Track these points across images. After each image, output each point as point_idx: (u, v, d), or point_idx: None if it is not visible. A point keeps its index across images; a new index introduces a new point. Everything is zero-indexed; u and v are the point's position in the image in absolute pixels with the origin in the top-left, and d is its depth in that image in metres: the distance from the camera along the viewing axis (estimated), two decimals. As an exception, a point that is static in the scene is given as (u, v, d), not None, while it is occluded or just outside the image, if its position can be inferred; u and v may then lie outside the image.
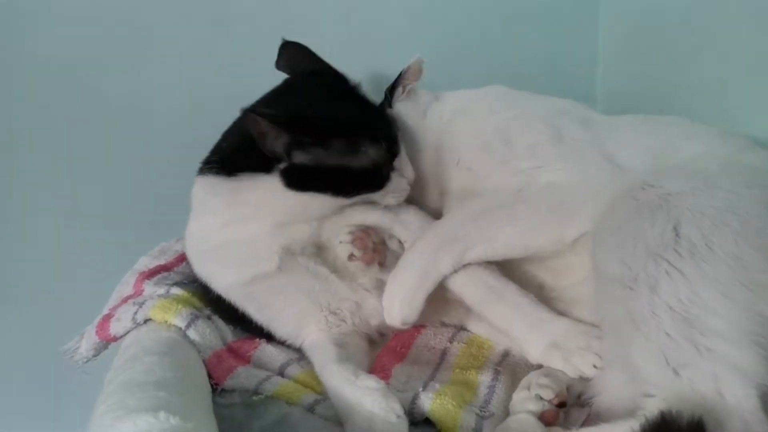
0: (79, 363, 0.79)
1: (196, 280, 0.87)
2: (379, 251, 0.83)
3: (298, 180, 0.77)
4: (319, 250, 0.83)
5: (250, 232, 0.79)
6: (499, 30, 1.21)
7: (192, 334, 0.75)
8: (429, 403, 0.67)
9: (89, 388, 0.67)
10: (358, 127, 0.79)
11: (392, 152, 0.81)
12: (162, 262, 0.91)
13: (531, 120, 0.86)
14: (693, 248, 0.62)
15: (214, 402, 0.68)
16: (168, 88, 1.10)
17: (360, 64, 0.93)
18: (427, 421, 0.68)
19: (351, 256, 0.81)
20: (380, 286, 0.83)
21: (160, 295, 0.81)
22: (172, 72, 1.10)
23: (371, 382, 0.68)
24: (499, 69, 1.19)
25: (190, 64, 1.11)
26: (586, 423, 0.70)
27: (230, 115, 0.82)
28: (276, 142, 0.75)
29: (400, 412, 0.64)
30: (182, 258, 0.93)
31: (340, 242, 0.81)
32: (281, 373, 0.77)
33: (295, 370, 0.78)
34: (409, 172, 0.84)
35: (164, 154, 1.10)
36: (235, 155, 0.79)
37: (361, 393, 0.66)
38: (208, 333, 0.77)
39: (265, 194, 0.77)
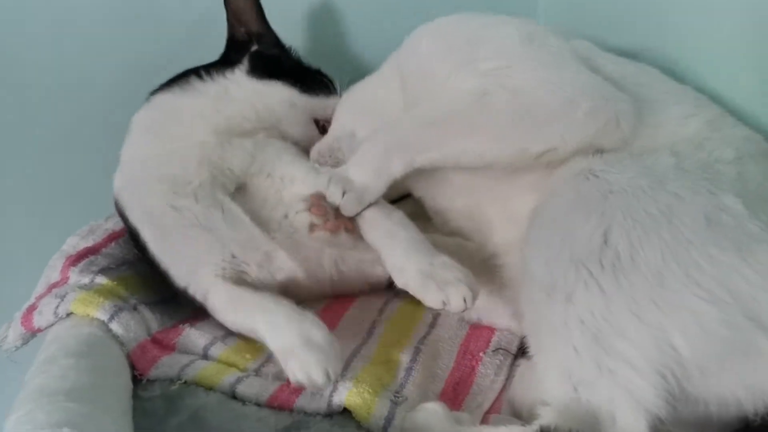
0: (8, 352, 0.80)
1: (124, 263, 0.88)
2: (340, 215, 0.79)
3: (263, 66, 0.92)
4: (241, 192, 0.84)
5: (186, 144, 0.84)
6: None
7: (115, 327, 0.75)
8: (345, 393, 0.69)
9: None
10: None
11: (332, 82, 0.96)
12: (90, 243, 0.90)
13: (498, 24, 0.80)
14: (616, 260, 0.59)
15: (136, 396, 0.71)
16: (92, 60, 1.05)
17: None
18: (346, 409, 0.69)
19: (312, 226, 0.80)
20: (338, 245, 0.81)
21: (82, 286, 0.81)
22: (98, 42, 1.05)
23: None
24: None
25: (117, 35, 1.06)
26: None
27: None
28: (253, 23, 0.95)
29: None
30: (111, 237, 0.93)
31: (297, 212, 0.81)
32: (205, 355, 0.79)
33: (218, 349, 0.79)
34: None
35: (96, 127, 1.06)
36: (190, 71, 0.92)
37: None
38: (133, 325, 0.77)
39: (221, 90, 0.90)
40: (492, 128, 0.71)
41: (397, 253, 0.74)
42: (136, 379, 0.73)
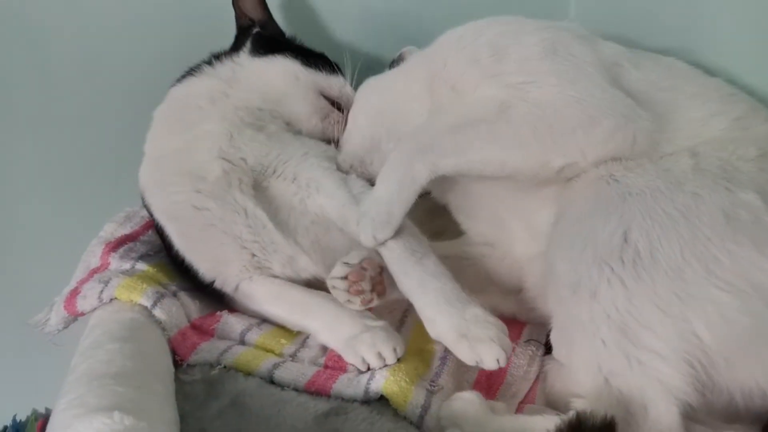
0: (50, 336, 0.82)
1: (162, 250, 0.90)
2: (378, 283, 0.77)
3: (265, 45, 0.95)
4: (260, 195, 0.84)
5: (197, 135, 0.85)
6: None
7: (158, 313, 0.77)
8: (383, 381, 0.70)
9: (62, 358, 0.71)
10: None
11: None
12: (127, 230, 0.93)
13: (522, 33, 0.79)
14: (637, 257, 0.62)
15: (178, 379, 0.72)
16: (124, 46, 1.07)
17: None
18: (383, 397, 0.70)
19: (348, 302, 0.77)
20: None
21: (124, 272, 0.83)
22: (129, 29, 1.06)
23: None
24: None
25: (148, 22, 1.07)
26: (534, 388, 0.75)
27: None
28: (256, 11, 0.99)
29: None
30: (148, 225, 0.94)
31: (333, 287, 0.77)
32: (242, 341, 0.81)
33: (254, 335, 0.81)
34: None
35: (124, 114, 1.08)
36: (201, 62, 0.95)
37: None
38: (174, 311, 0.79)
39: (229, 73, 0.92)
40: (515, 139, 0.72)
41: (429, 305, 0.73)
42: (177, 364, 0.75)
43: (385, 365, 0.72)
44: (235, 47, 0.98)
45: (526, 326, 0.84)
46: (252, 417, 0.68)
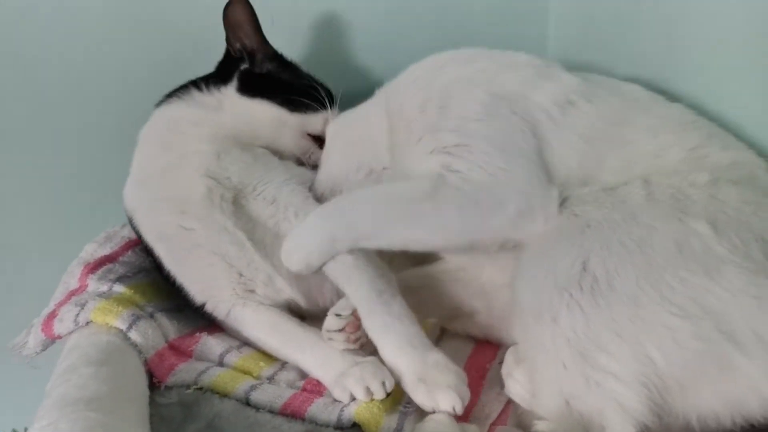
0: (28, 358, 0.82)
1: (141, 270, 0.91)
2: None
3: (252, 85, 0.95)
4: (238, 212, 0.86)
5: (184, 154, 0.87)
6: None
7: (134, 335, 0.78)
8: (355, 407, 0.71)
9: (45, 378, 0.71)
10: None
11: (330, 95, 0.98)
12: (107, 251, 0.93)
13: (473, 84, 0.82)
14: (595, 284, 0.64)
15: (154, 402, 0.73)
16: (107, 63, 1.07)
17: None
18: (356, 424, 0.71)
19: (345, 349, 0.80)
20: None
21: (101, 294, 0.83)
22: (112, 47, 1.07)
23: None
24: (450, 27, 1.19)
25: (131, 39, 1.08)
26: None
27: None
28: (248, 38, 0.97)
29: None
30: (128, 245, 0.95)
31: (330, 339, 0.79)
32: (220, 363, 0.82)
33: (234, 357, 0.82)
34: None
35: (107, 133, 1.09)
36: (190, 82, 0.96)
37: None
38: (150, 333, 0.79)
39: (216, 103, 0.93)
40: (439, 222, 0.75)
41: (391, 347, 0.74)
42: (154, 386, 0.76)
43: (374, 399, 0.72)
44: (223, 76, 0.98)
45: (499, 348, 0.85)
46: (227, 440, 0.68)
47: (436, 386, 0.70)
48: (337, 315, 0.79)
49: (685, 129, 0.79)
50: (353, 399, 0.72)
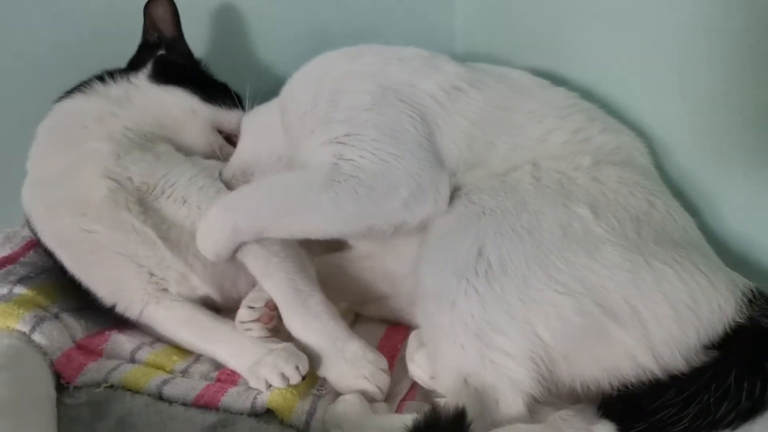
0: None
1: (44, 271, 0.88)
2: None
3: (167, 71, 0.92)
4: (148, 210, 0.84)
5: (82, 154, 0.84)
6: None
7: (37, 337, 0.76)
8: (268, 394, 0.73)
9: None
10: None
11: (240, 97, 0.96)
12: (6, 252, 0.89)
13: (361, 77, 0.84)
14: (489, 268, 0.68)
15: (62, 403, 0.72)
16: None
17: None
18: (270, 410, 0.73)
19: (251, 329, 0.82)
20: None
21: (1, 297, 0.80)
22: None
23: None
24: (360, 22, 1.21)
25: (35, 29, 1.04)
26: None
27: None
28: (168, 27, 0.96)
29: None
30: (29, 245, 0.91)
31: (247, 329, 0.81)
32: (132, 359, 0.81)
33: (145, 353, 0.82)
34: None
35: (4, 128, 1.03)
36: (91, 78, 0.92)
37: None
38: (56, 334, 0.78)
39: (123, 94, 0.90)
40: (335, 211, 0.77)
41: (311, 344, 0.78)
42: (62, 387, 0.74)
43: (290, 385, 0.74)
44: (135, 64, 0.96)
45: (411, 330, 0.89)
46: (138, 436, 0.68)
47: (356, 378, 0.75)
48: (251, 307, 0.81)
49: (567, 112, 0.84)
50: (269, 386, 0.74)
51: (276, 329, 0.82)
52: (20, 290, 0.82)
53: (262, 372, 0.75)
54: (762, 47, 0.73)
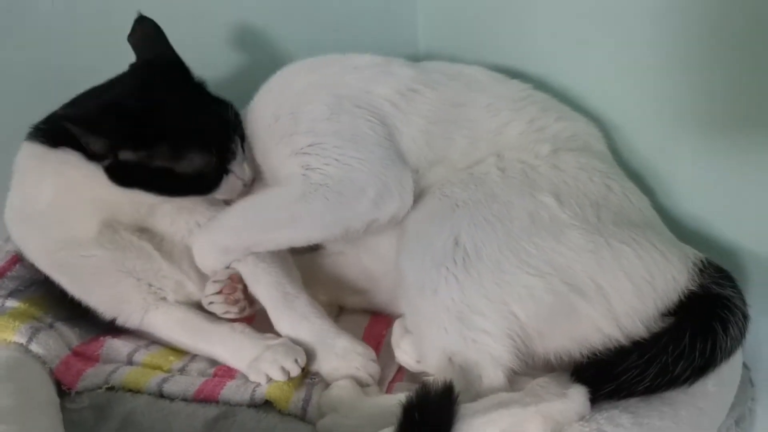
0: None
1: (33, 283, 0.90)
2: (246, 293, 0.86)
3: (123, 176, 0.79)
4: (141, 228, 0.87)
5: (69, 201, 0.81)
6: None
7: (35, 348, 0.78)
8: (266, 387, 0.77)
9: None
10: (186, 134, 0.80)
11: (225, 158, 0.85)
12: (-7, 267, 0.90)
13: (319, 88, 0.88)
14: (466, 257, 0.74)
15: (65, 409, 0.75)
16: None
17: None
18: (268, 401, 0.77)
19: (226, 313, 0.86)
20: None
21: (-6, 311, 0.82)
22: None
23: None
24: (323, 21, 1.22)
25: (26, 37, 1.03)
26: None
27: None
28: (96, 145, 0.77)
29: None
30: (15, 260, 0.92)
31: (211, 303, 0.85)
32: (129, 362, 0.84)
33: (142, 355, 0.85)
34: (246, 174, 0.89)
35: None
36: (63, 129, 0.77)
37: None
38: (52, 343, 0.80)
39: (87, 178, 0.78)
40: (313, 220, 0.83)
41: (301, 344, 0.81)
42: (64, 393, 0.77)
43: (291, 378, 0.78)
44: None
45: (393, 318, 0.94)
46: (143, 434, 0.71)
47: (347, 371, 0.80)
48: (214, 281, 0.86)
49: (521, 105, 0.90)
50: (269, 380, 0.78)
51: (240, 307, 0.85)
52: (12, 303, 0.84)
53: (263, 367, 0.78)
54: (706, 24, 0.78)
